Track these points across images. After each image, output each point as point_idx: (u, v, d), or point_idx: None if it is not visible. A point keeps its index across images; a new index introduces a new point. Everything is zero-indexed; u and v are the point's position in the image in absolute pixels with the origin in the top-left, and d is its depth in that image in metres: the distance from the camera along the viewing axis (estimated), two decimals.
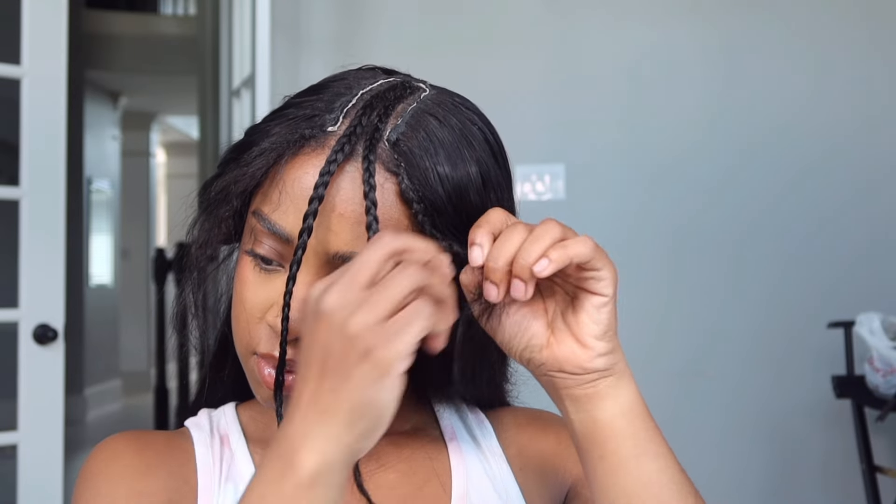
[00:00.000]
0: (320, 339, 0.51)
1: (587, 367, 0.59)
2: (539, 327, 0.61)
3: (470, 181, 0.62)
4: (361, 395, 0.50)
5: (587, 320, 0.59)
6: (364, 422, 0.51)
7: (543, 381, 0.62)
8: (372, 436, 0.52)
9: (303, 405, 0.52)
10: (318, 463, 0.51)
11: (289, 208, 0.62)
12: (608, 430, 0.59)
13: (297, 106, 0.65)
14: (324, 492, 0.51)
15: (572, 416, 0.61)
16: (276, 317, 0.63)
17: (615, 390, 0.60)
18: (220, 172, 0.67)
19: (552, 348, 0.60)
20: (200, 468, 0.68)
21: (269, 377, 0.63)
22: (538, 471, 0.74)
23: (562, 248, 0.56)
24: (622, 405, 0.60)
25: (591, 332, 0.59)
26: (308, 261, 0.61)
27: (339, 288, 0.51)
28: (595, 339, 0.59)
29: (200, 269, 0.70)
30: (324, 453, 0.51)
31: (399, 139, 0.61)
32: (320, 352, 0.51)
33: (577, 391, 0.60)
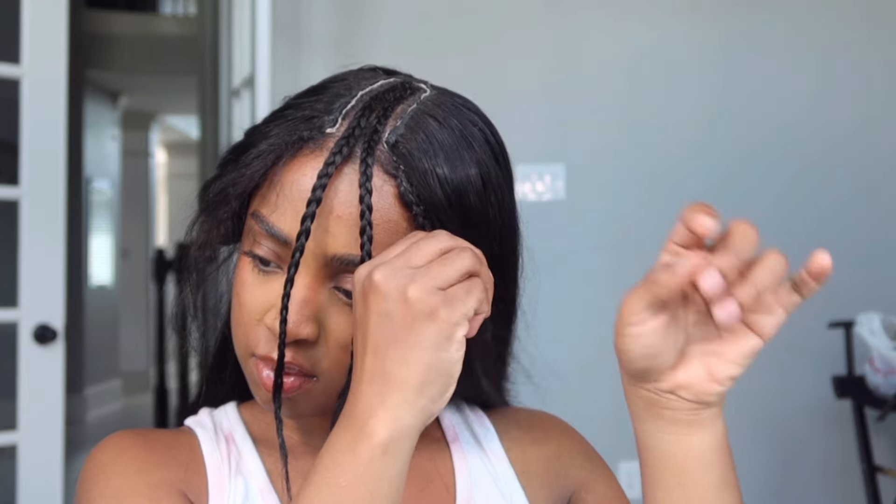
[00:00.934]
0: (378, 310, 0.53)
1: (707, 401, 0.57)
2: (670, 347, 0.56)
3: (470, 183, 0.62)
4: (431, 357, 0.52)
5: (731, 361, 0.56)
6: (435, 384, 0.53)
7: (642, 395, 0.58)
8: (442, 398, 0.53)
9: (366, 379, 0.54)
10: (392, 429, 0.52)
11: (287, 210, 0.62)
12: (699, 460, 0.58)
13: (297, 107, 0.64)
14: (397, 457, 0.53)
15: (662, 436, 0.58)
16: (274, 319, 0.62)
17: (715, 421, 0.58)
18: (220, 174, 0.67)
19: (676, 372, 0.56)
20: (209, 462, 0.68)
21: (268, 379, 0.63)
22: (542, 474, 0.73)
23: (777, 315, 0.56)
24: (718, 435, 0.58)
25: (730, 373, 0.56)
26: (306, 263, 0.61)
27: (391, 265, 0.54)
28: (731, 379, 0.56)
29: (199, 269, 0.70)
30: (397, 419, 0.52)
31: (398, 141, 0.61)
32: (380, 322, 0.53)
33: (681, 416, 0.57)
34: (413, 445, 0.54)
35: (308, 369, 0.63)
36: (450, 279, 0.54)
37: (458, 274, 0.54)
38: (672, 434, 0.58)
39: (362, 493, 0.52)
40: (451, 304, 0.53)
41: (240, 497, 0.67)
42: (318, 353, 0.63)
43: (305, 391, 0.63)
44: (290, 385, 0.62)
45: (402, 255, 0.54)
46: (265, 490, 0.68)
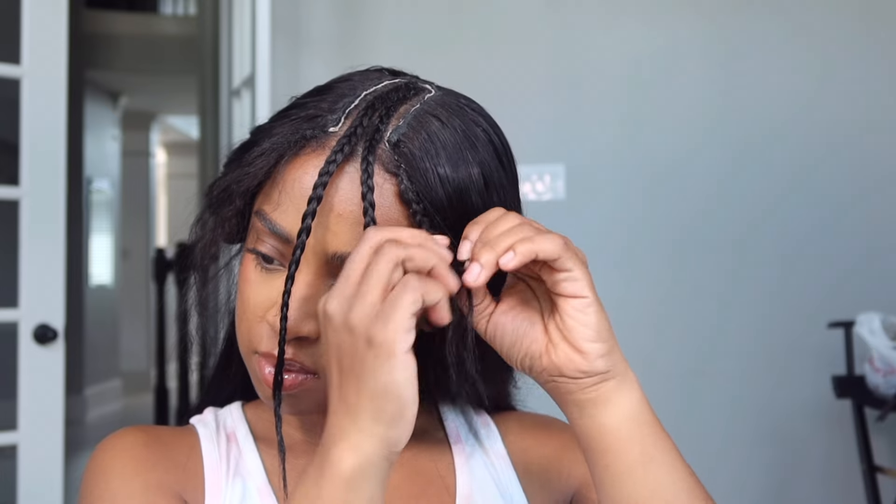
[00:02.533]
0: (332, 342, 0.54)
1: (586, 370, 0.58)
2: (536, 334, 0.60)
3: (471, 182, 0.62)
4: (376, 383, 0.52)
5: (574, 324, 0.58)
6: (388, 409, 0.52)
7: (548, 388, 0.61)
8: (400, 422, 0.52)
9: (333, 407, 0.54)
10: (355, 459, 0.52)
11: (289, 208, 0.62)
12: (613, 436, 0.59)
13: (301, 106, 0.65)
14: (363, 487, 0.52)
15: (577, 421, 0.60)
16: (275, 316, 0.63)
17: (618, 394, 0.59)
18: (225, 172, 0.68)
19: (550, 355, 0.59)
20: (207, 463, 0.69)
21: (270, 376, 0.64)
22: (542, 475, 0.74)
23: (529, 243, 0.56)
24: (627, 409, 0.59)
25: (583, 335, 0.58)
26: (307, 260, 0.61)
27: (337, 290, 0.54)
28: (588, 342, 0.58)
29: (204, 268, 0.70)
30: (358, 449, 0.52)
31: (400, 140, 0.61)
32: (335, 354, 0.54)
33: (580, 396, 0.59)
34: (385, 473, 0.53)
35: (309, 366, 0.63)
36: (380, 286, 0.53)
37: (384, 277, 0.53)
38: (584, 417, 0.59)
39: None
40: (384, 323, 0.52)
41: (237, 498, 0.67)
42: (319, 350, 0.63)
43: (306, 388, 0.64)
44: (290, 382, 0.63)
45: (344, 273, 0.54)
46: (263, 490, 0.68)
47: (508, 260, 0.56)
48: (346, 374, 0.53)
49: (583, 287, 0.58)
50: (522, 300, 0.62)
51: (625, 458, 0.58)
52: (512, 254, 0.56)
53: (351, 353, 0.53)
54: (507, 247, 0.56)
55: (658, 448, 0.59)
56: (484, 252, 0.56)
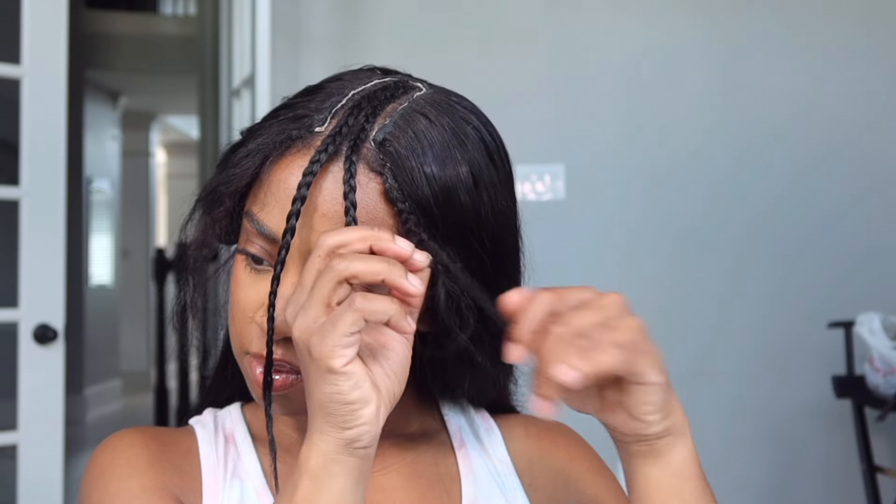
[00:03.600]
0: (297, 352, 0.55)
1: (642, 434, 0.58)
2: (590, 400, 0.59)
3: (460, 181, 0.62)
4: (319, 393, 0.53)
5: (637, 402, 0.57)
6: (336, 414, 0.53)
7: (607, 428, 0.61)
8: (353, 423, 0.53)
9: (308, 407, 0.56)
10: (318, 458, 0.54)
11: (274, 209, 0.62)
12: (657, 489, 0.59)
13: (290, 107, 0.65)
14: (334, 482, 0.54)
15: (628, 469, 0.60)
16: (263, 317, 0.63)
17: (670, 450, 0.59)
18: (215, 173, 0.68)
19: (606, 414, 0.59)
20: (204, 465, 0.69)
21: (261, 376, 0.63)
22: (548, 486, 0.73)
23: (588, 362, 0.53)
24: (675, 465, 0.59)
25: (644, 411, 0.57)
26: (293, 261, 0.61)
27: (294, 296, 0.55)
28: (648, 416, 0.57)
29: (198, 269, 0.70)
30: (318, 448, 0.54)
31: (385, 139, 0.61)
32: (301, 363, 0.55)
33: (633, 448, 0.59)
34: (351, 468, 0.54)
35: (298, 366, 0.63)
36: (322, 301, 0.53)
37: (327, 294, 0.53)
38: (633, 465, 0.60)
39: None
40: (322, 337, 0.52)
41: (234, 500, 0.67)
42: None
43: (298, 388, 0.63)
44: (280, 382, 0.63)
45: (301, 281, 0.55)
46: (262, 491, 0.68)
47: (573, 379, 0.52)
48: (303, 378, 0.55)
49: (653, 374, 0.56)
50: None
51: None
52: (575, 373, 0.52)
53: (301, 361, 0.55)
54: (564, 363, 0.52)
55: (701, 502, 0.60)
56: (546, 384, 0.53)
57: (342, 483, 0.54)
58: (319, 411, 0.54)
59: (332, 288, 0.53)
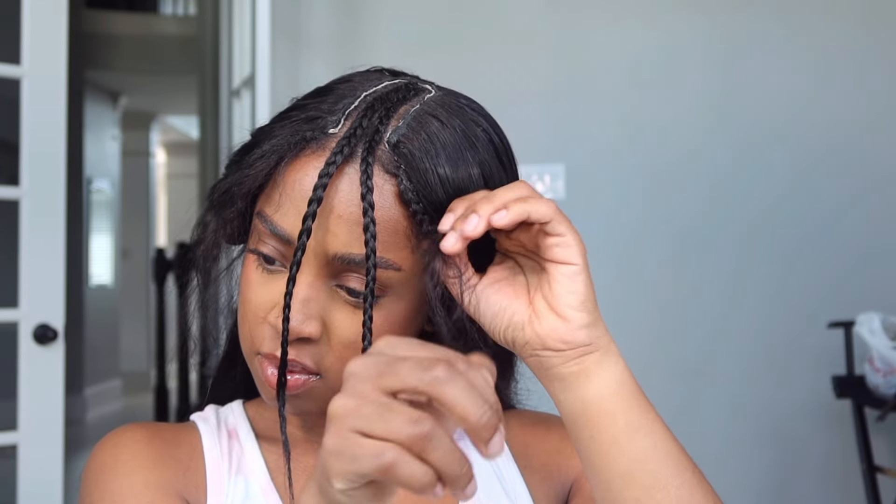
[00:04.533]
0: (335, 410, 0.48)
1: (569, 339, 0.59)
2: (520, 305, 0.61)
3: (471, 183, 0.62)
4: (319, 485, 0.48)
5: (561, 290, 0.59)
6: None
7: (531, 362, 0.61)
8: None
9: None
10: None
11: (289, 210, 0.62)
12: (597, 408, 0.59)
13: (302, 108, 0.65)
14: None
15: (560, 396, 0.60)
16: (277, 317, 0.63)
17: (602, 366, 0.59)
18: (226, 174, 0.68)
19: (533, 325, 0.60)
20: (209, 461, 0.69)
21: (272, 377, 0.64)
22: (542, 469, 0.74)
23: (522, 203, 0.57)
24: (610, 381, 0.59)
25: (568, 302, 0.59)
26: (308, 262, 0.62)
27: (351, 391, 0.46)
28: (573, 309, 0.59)
29: (206, 269, 0.70)
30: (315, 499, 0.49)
31: (400, 141, 0.61)
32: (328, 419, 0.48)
33: (563, 369, 0.59)
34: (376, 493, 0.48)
35: (311, 367, 0.64)
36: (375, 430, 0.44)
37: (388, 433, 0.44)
38: (567, 391, 0.60)
39: None
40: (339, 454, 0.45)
41: (239, 496, 0.67)
42: (322, 350, 0.63)
43: (309, 389, 0.64)
44: (293, 383, 0.63)
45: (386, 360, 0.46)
46: (266, 488, 0.68)
47: (501, 217, 0.56)
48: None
49: (574, 254, 0.58)
50: (509, 274, 0.62)
51: (610, 429, 0.59)
52: (504, 211, 0.56)
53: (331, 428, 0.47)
54: (501, 204, 0.57)
55: (643, 418, 0.59)
56: (482, 204, 0.57)
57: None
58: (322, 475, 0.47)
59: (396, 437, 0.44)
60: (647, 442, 0.58)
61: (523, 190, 0.59)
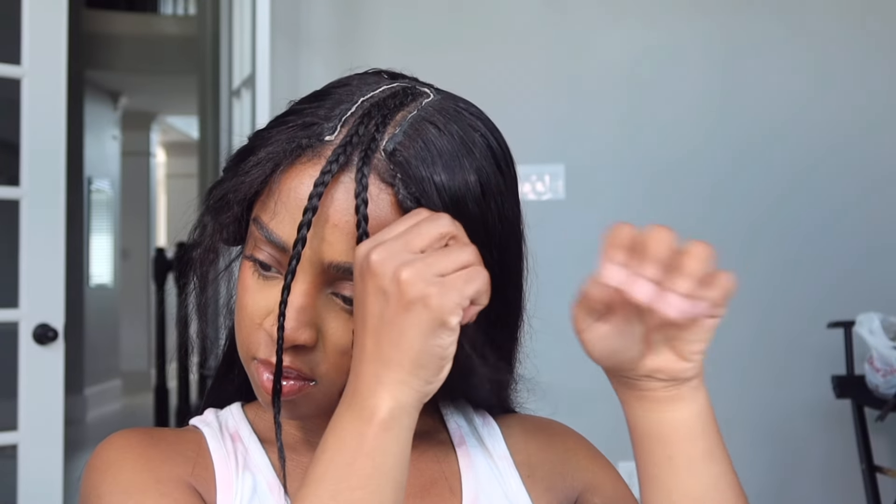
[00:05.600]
0: (373, 291, 0.54)
1: (682, 377, 0.59)
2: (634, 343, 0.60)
3: (468, 190, 0.62)
4: (421, 342, 0.53)
5: (694, 339, 0.58)
6: (428, 367, 0.54)
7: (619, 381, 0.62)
8: (437, 378, 0.55)
9: (366, 359, 0.55)
10: (392, 407, 0.54)
11: (284, 218, 0.62)
12: (684, 431, 0.60)
13: (299, 113, 0.65)
14: (398, 433, 0.55)
15: (644, 416, 0.61)
16: (272, 324, 0.63)
17: (696, 392, 0.60)
18: (222, 179, 0.68)
19: (645, 360, 0.60)
20: (216, 459, 0.69)
21: (268, 382, 0.64)
22: (546, 479, 0.74)
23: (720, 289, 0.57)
24: (700, 407, 0.60)
25: (696, 349, 0.59)
26: (303, 270, 0.62)
27: (389, 247, 0.54)
28: (698, 354, 0.59)
29: (203, 272, 0.70)
30: (395, 398, 0.54)
31: (396, 149, 0.61)
32: (375, 304, 0.54)
33: (661, 394, 0.60)
34: (413, 421, 0.55)
35: (307, 373, 0.64)
36: (446, 269, 0.53)
37: (454, 265, 0.54)
38: (656, 412, 0.60)
39: (367, 469, 0.54)
40: (445, 292, 0.53)
41: (248, 492, 0.67)
42: (317, 357, 0.63)
43: (305, 395, 0.64)
44: (288, 389, 0.63)
45: (401, 237, 0.55)
46: (273, 485, 0.68)
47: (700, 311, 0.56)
48: (388, 325, 0.54)
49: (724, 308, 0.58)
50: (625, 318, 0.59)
51: (689, 452, 0.60)
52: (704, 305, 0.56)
53: (399, 306, 0.53)
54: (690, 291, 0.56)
55: (718, 446, 0.61)
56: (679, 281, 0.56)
57: (407, 437, 0.55)
58: (412, 362, 0.53)
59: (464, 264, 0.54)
60: (718, 469, 0.61)
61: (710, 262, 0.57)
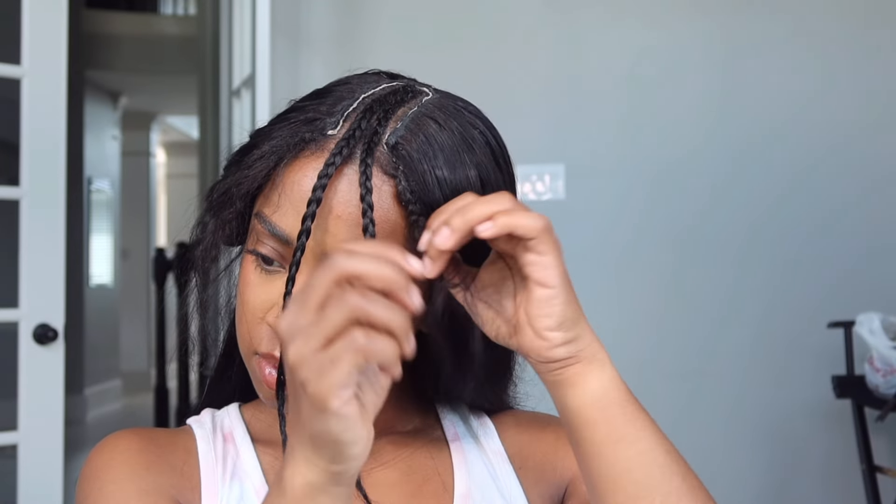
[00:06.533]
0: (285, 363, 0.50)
1: (548, 356, 0.59)
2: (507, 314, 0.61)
3: (469, 185, 0.63)
4: (310, 427, 0.49)
5: (538, 312, 0.58)
6: (325, 451, 0.50)
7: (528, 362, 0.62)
8: (341, 460, 0.50)
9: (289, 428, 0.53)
10: (303, 484, 0.51)
11: (288, 210, 0.63)
12: (579, 419, 0.59)
13: (300, 110, 0.66)
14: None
15: (556, 400, 0.61)
16: (276, 317, 0.63)
17: (584, 377, 0.59)
18: (224, 175, 0.68)
19: (517, 337, 0.60)
20: (203, 465, 0.69)
21: (270, 377, 0.64)
22: (537, 469, 0.74)
23: (507, 215, 0.55)
24: (592, 391, 0.59)
25: (545, 324, 0.58)
26: (307, 262, 0.62)
27: (292, 311, 0.49)
28: (549, 330, 0.58)
29: (204, 270, 0.71)
30: (305, 475, 0.51)
31: (398, 143, 0.62)
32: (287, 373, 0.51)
33: (548, 377, 0.60)
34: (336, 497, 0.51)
35: None
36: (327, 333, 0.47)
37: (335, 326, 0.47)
38: (555, 396, 0.61)
39: None
40: (319, 375, 0.47)
41: (234, 499, 0.68)
42: None
43: None
44: None
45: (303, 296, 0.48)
46: (261, 490, 0.68)
47: (486, 228, 0.55)
48: (292, 402, 0.51)
49: (552, 276, 0.57)
50: (498, 278, 0.61)
51: (592, 438, 0.59)
52: (490, 223, 0.55)
53: (291, 387, 0.50)
54: (487, 215, 0.55)
55: (628, 427, 0.59)
56: (456, 216, 0.55)
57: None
58: (308, 442, 0.50)
59: (342, 323, 0.47)
60: (632, 451, 0.59)
61: (507, 201, 0.56)
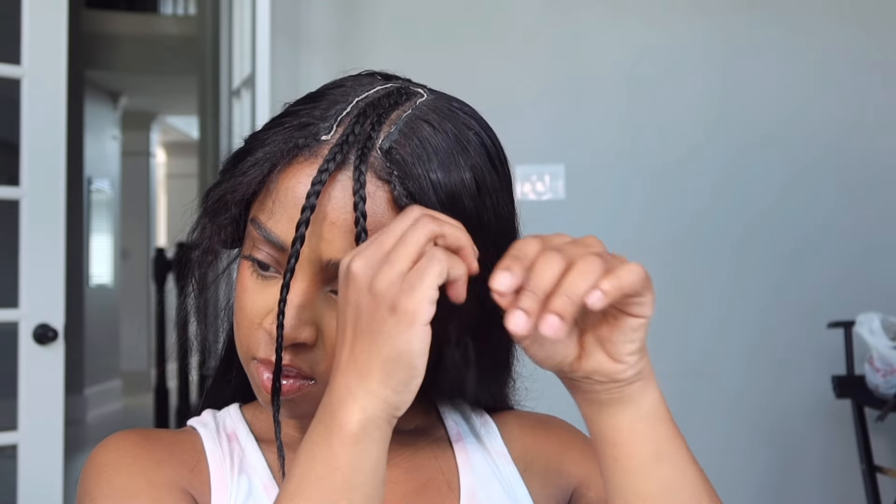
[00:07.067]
0: (351, 301, 0.54)
1: (618, 378, 0.58)
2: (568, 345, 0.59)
3: (464, 187, 0.63)
4: (392, 348, 0.52)
5: (623, 339, 0.57)
6: (397, 374, 0.53)
7: (567, 383, 0.61)
8: (407, 388, 0.53)
9: (341, 367, 0.55)
10: (361, 419, 0.53)
11: (282, 217, 0.63)
12: (628, 434, 0.59)
13: (294, 114, 0.65)
14: (369, 446, 0.54)
15: (594, 417, 0.60)
16: (272, 323, 0.63)
17: (640, 395, 0.59)
18: (220, 181, 0.68)
19: (582, 362, 0.59)
20: (211, 460, 0.69)
21: (268, 382, 0.64)
22: (542, 473, 0.74)
23: (615, 280, 0.54)
24: (645, 409, 0.59)
25: (626, 350, 0.58)
26: (302, 268, 0.62)
27: (366, 253, 0.54)
28: (629, 355, 0.58)
29: (202, 274, 0.71)
30: (364, 409, 0.53)
31: (392, 147, 0.62)
32: (352, 313, 0.54)
33: (604, 396, 0.59)
34: (385, 435, 0.54)
35: (306, 372, 0.64)
36: (410, 256, 0.53)
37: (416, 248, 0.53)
38: (602, 414, 0.60)
39: (338, 483, 0.53)
40: (410, 292, 0.52)
41: (243, 494, 0.67)
42: (316, 356, 0.64)
43: (304, 393, 0.64)
44: (288, 387, 0.64)
45: (376, 241, 0.55)
46: (269, 486, 0.68)
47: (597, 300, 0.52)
48: (360, 335, 0.54)
49: (647, 308, 0.57)
50: None
51: (636, 455, 0.59)
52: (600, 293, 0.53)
53: (370, 316, 0.53)
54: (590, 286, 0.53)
55: (668, 445, 0.60)
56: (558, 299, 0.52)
57: (379, 451, 0.54)
58: (382, 368, 0.53)
59: (423, 243, 0.53)
60: (671, 470, 0.59)
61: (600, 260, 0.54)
